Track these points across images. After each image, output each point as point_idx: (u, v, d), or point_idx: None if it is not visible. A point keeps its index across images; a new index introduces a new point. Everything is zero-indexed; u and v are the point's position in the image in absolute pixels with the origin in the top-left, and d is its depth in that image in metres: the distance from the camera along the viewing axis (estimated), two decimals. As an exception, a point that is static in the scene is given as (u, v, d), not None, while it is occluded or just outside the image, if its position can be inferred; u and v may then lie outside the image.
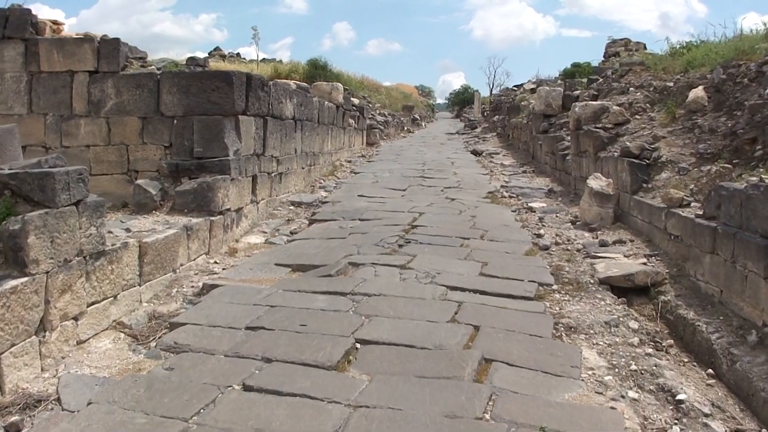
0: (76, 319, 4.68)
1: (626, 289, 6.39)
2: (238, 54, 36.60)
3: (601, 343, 4.93)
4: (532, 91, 25.68)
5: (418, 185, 12.64)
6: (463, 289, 5.84)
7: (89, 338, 4.84)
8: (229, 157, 8.19)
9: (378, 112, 27.47)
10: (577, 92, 16.39)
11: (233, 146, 8.36)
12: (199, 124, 8.20)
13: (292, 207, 10.63)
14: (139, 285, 5.67)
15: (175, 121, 8.34)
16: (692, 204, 7.02)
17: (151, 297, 5.86)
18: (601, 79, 15.20)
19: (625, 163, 8.61)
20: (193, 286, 6.23)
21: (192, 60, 18.01)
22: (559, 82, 22.78)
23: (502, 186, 12.62)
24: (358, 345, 4.51)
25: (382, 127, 24.84)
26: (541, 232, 8.31)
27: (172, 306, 5.73)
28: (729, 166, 7.19)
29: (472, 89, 64.15)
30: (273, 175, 10.26)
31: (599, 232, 8.30)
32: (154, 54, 23.15)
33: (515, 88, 32.51)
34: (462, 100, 64.51)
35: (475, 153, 20.35)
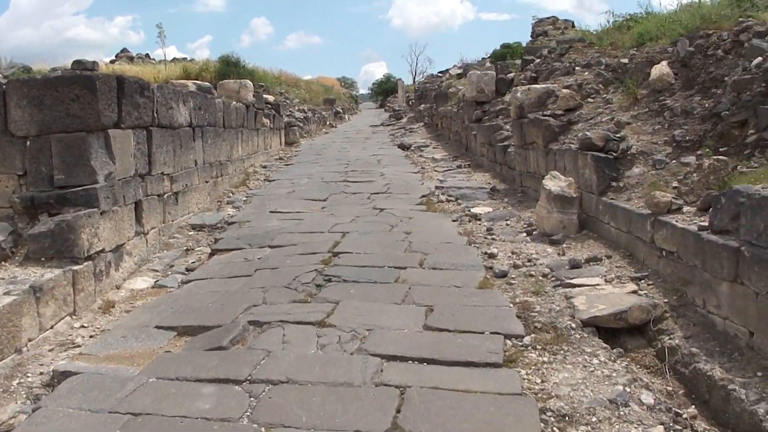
0: None
1: (617, 330, 4.85)
2: (147, 55, 33.98)
3: (615, 444, 3.34)
4: (459, 76, 24.29)
5: (340, 193, 10.87)
6: (404, 359, 4.15)
7: None
8: (97, 185, 6.27)
9: (297, 108, 25.52)
10: (511, 75, 14.98)
11: (103, 169, 6.44)
12: (58, 145, 6.22)
13: (192, 232, 8.72)
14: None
15: (29, 143, 6.32)
16: (684, 209, 5.52)
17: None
18: (538, 60, 13.80)
19: (589, 158, 7.09)
20: (42, 372, 4.41)
21: (78, 64, 15.62)
22: (488, 65, 21.39)
23: (436, 187, 10.98)
24: None
25: (301, 125, 22.92)
26: (494, 250, 6.68)
27: (8, 410, 3.86)
28: (724, 158, 5.71)
29: (395, 78, 63.09)
30: (166, 196, 8.34)
31: (564, 245, 6.74)
32: (67, 60, 20.65)
33: (440, 75, 31.17)
34: (385, 89, 63.27)
35: (403, 147, 18.72)
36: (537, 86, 10.03)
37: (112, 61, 31.02)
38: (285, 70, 32.61)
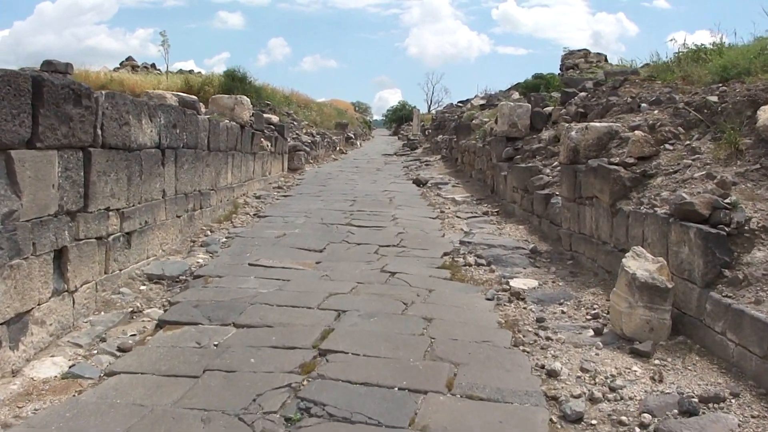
0: None
1: None
2: (153, 65, 32.42)
3: None
4: (483, 107, 22.35)
5: (342, 242, 8.76)
6: None
7: None
8: (-17, 229, 4.28)
9: (305, 131, 23.59)
10: (549, 109, 12.96)
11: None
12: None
13: (145, 286, 6.69)
14: None
15: None
16: None
17: None
18: (583, 93, 11.75)
19: (692, 233, 4.98)
20: None
21: (49, 65, 13.61)
22: (515, 95, 19.42)
23: (461, 242, 8.86)
24: None
25: (308, 149, 20.91)
26: (555, 365, 4.53)
27: None
28: None
29: (411, 106, 61.44)
30: (112, 238, 6.33)
31: (657, 362, 4.62)
32: (85, 67, 18.99)
33: (461, 104, 29.26)
34: (400, 117, 61.75)
35: (418, 183, 16.64)
36: (596, 125, 7.95)
37: (115, 69, 29.37)
38: (297, 91, 30.86)
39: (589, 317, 5.65)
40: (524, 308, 5.93)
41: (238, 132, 12.28)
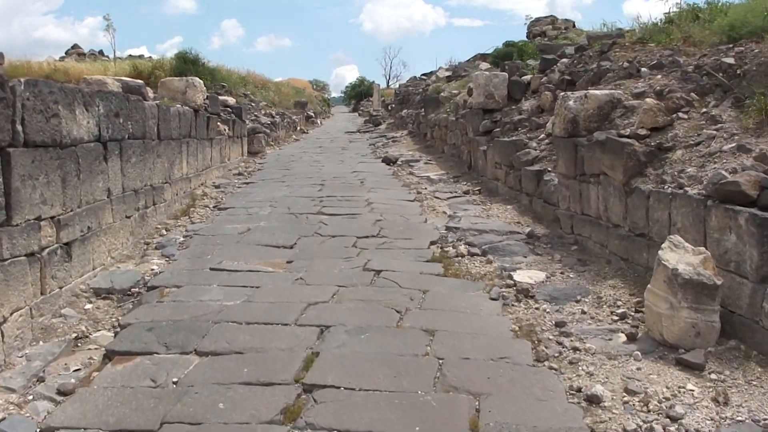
0: None
1: None
2: (101, 52, 30.68)
3: None
4: (449, 78, 21.47)
5: (314, 235, 7.81)
6: None
7: None
8: None
9: (263, 112, 22.38)
10: (527, 78, 12.13)
11: None
12: None
13: (91, 305, 5.69)
14: None
15: None
16: None
17: None
18: (565, 60, 10.93)
19: (743, 219, 4.17)
20: None
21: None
22: (483, 65, 18.54)
23: (447, 227, 8.00)
24: None
25: (268, 131, 19.75)
26: (596, 390, 3.67)
27: None
28: None
29: (369, 81, 60.15)
30: (47, 252, 5.32)
31: (713, 375, 3.83)
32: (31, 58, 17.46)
33: (424, 77, 28.26)
34: (359, 93, 60.49)
35: (388, 161, 15.69)
36: (597, 92, 7.11)
37: (61, 59, 27.68)
38: (253, 71, 29.45)
39: (615, 317, 4.84)
40: (537, 309, 5.09)
41: (191, 117, 11.16)
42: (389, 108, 34.19)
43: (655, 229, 5.33)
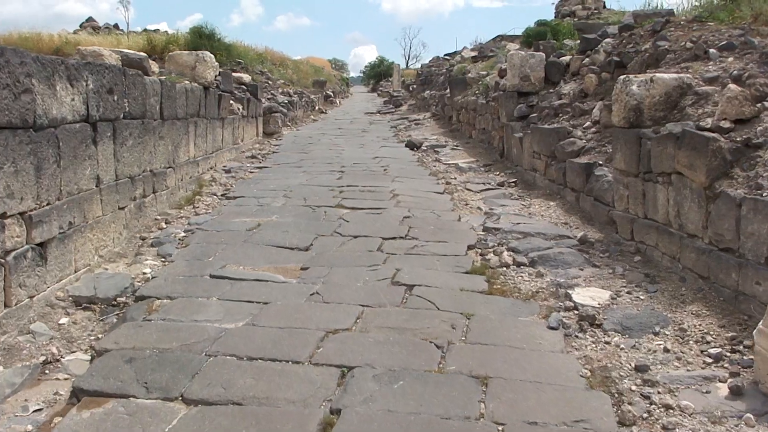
0: None
1: None
2: (116, 26, 29.80)
3: None
4: (474, 59, 20.36)
5: (333, 234, 6.86)
6: None
7: None
8: None
9: (281, 90, 21.39)
10: (566, 59, 11.04)
11: None
12: None
13: (69, 315, 4.89)
14: None
15: None
16: None
17: None
18: (609, 40, 9.85)
19: None
20: None
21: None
22: (511, 46, 17.40)
23: (484, 228, 7.03)
24: None
25: (284, 110, 18.80)
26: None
27: None
28: None
29: (389, 61, 59.01)
30: (14, 256, 4.50)
31: None
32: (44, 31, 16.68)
33: (448, 57, 27.09)
34: (378, 73, 59.48)
35: (412, 146, 14.70)
36: (664, 76, 6.05)
37: (75, 32, 26.85)
38: (271, 48, 28.45)
39: (707, 359, 3.86)
40: (608, 343, 4.12)
41: (200, 95, 10.24)
42: (410, 89, 33.09)
43: (749, 245, 4.32)
